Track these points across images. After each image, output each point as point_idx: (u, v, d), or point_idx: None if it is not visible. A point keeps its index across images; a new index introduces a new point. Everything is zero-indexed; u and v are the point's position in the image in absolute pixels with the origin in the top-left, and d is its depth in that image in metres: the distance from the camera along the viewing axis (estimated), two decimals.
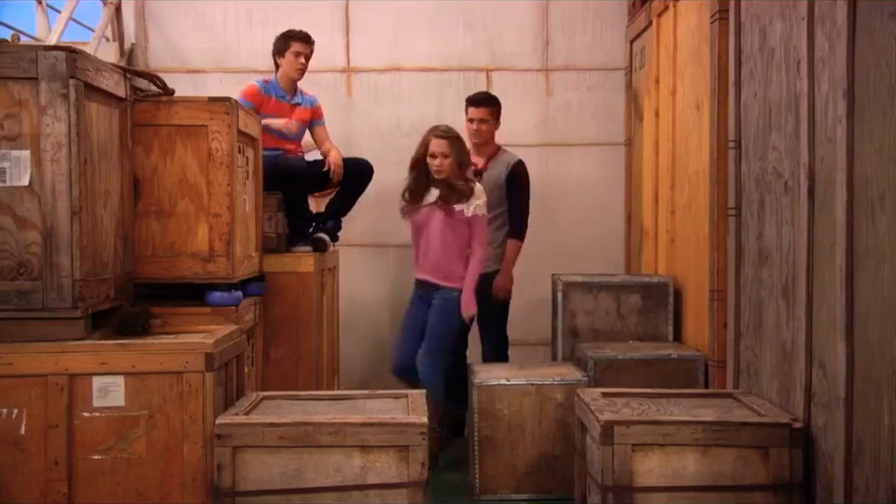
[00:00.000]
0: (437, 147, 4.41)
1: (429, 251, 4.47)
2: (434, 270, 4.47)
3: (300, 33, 4.82)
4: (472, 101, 5.01)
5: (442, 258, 4.45)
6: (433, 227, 4.45)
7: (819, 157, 2.94)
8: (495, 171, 4.99)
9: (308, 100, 4.98)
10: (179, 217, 3.68)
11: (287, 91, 4.86)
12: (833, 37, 2.74)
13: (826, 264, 2.85)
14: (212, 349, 3.13)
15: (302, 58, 4.78)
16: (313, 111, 5.00)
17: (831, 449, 2.81)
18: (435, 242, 4.45)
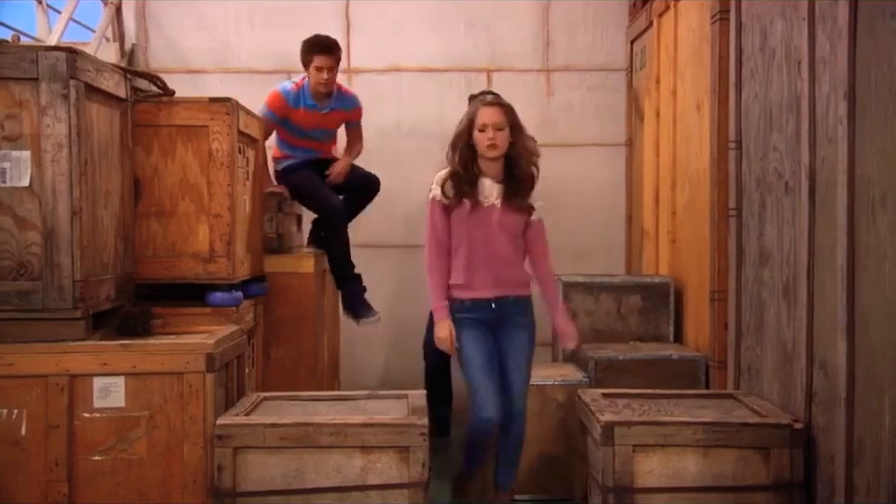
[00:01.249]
0: (487, 116, 3.44)
1: (494, 261, 3.46)
2: (503, 282, 3.49)
3: (321, 44, 4.63)
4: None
5: (513, 267, 3.52)
6: (495, 231, 3.47)
7: (821, 157, 2.94)
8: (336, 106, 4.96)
9: (347, 101, 4.84)
10: (180, 218, 3.68)
11: (317, 98, 4.71)
12: (835, 38, 2.74)
13: (827, 264, 2.85)
14: (213, 350, 3.13)
15: (325, 72, 4.60)
16: (349, 114, 4.87)
17: (832, 449, 2.81)
18: (502, 249, 3.48)
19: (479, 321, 3.48)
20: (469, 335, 3.46)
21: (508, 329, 3.50)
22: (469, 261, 3.46)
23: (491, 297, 3.48)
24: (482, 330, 3.47)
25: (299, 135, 4.78)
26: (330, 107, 4.76)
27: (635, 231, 5.55)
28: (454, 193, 3.44)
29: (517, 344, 3.50)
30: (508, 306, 3.49)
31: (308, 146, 4.81)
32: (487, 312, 3.48)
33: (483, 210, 3.44)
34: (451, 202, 3.45)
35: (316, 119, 4.74)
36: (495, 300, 3.48)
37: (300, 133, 4.78)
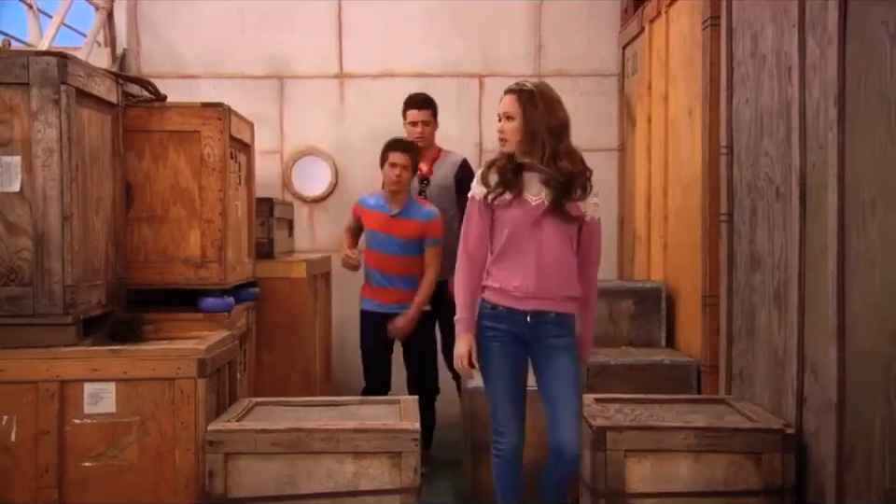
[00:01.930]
0: (501, 105, 3.06)
1: (539, 268, 3.00)
2: (546, 294, 3.01)
3: (396, 143, 4.47)
4: (414, 103, 4.77)
5: (561, 277, 3.03)
6: (545, 233, 3.01)
7: (811, 163, 2.95)
8: (440, 173, 4.77)
9: (423, 213, 4.46)
10: (171, 223, 3.68)
11: (389, 200, 4.46)
12: (824, 44, 2.75)
13: (818, 269, 2.86)
14: (204, 355, 3.12)
15: (398, 169, 4.37)
16: (423, 227, 4.44)
17: (823, 454, 2.81)
18: (551, 254, 3.00)
19: (509, 335, 3.03)
20: (494, 350, 3.04)
21: (545, 351, 3.03)
22: (510, 264, 3.02)
23: (528, 309, 3.01)
24: (511, 347, 3.04)
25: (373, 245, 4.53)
26: (399, 213, 4.45)
27: (627, 235, 5.56)
28: (497, 183, 3.00)
29: (559, 369, 3.01)
30: (547, 323, 3.02)
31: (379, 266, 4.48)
32: (520, 326, 3.02)
33: (530, 208, 2.99)
34: (492, 192, 3.00)
35: (380, 223, 4.47)
36: (532, 314, 3.01)
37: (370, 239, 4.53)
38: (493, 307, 3.05)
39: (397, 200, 4.44)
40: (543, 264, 3.00)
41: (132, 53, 5.48)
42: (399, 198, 4.44)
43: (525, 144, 3.00)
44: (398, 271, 4.44)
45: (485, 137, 5.55)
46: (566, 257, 3.03)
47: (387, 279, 4.45)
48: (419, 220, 4.43)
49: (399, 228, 4.43)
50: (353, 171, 5.54)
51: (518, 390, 3.07)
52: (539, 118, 2.98)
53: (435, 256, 4.47)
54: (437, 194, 4.64)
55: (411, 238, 4.42)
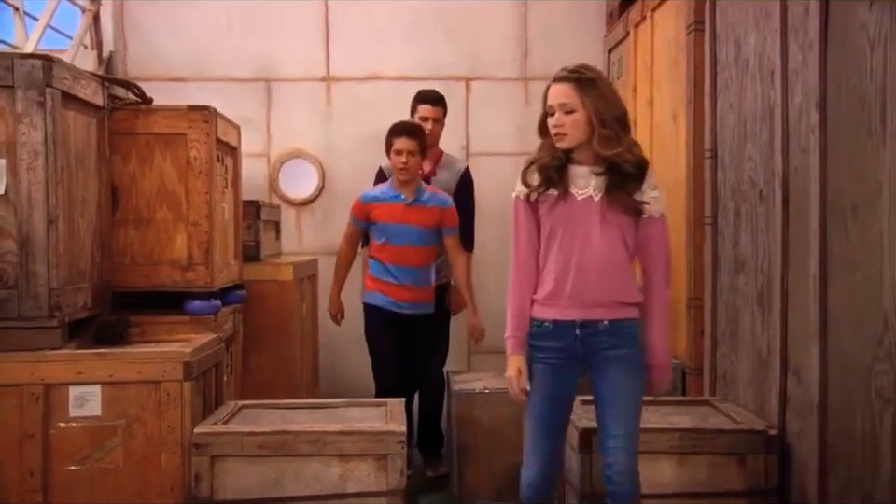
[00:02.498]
0: (551, 95, 2.72)
1: (588, 271, 2.67)
2: (596, 300, 2.68)
3: (400, 127, 4.27)
4: (426, 98, 4.61)
5: (614, 279, 2.70)
6: (594, 231, 2.67)
7: (794, 166, 2.96)
8: (444, 177, 4.62)
9: (438, 199, 4.32)
10: (158, 226, 3.67)
11: (400, 189, 4.27)
12: (806, 48, 2.77)
13: (800, 272, 2.87)
14: (190, 358, 3.11)
15: (404, 156, 4.18)
16: (441, 213, 4.30)
17: (805, 455, 2.83)
18: (602, 253, 2.67)
19: (558, 354, 2.70)
20: (538, 373, 2.73)
21: (600, 365, 2.70)
22: (556, 268, 2.69)
23: (576, 319, 2.68)
24: (559, 370, 2.71)
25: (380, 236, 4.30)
26: (415, 200, 4.28)
27: None
28: (539, 180, 2.69)
29: (612, 385, 2.68)
30: (600, 334, 2.68)
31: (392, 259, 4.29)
32: (570, 340, 2.68)
33: (578, 204, 2.67)
34: (534, 190, 2.69)
35: (397, 214, 4.26)
36: (581, 324, 2.68)
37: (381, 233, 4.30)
38: (539, 324, 2.71)
39: (409, 187, 4.25)
40: (590, 266, 2.66)
41: (118, 56, 5.46)
42: (411, 185, 4.26)
43: (588, 137, 2.65)
44: (415, 261, 4.27)
45: (472, 140, 5.56)
46: (618, 257, 2.68)
47: (403, 273, 4.28)
48: (436, 207, 4.28)
49: (416, 216, 4.25)
50: (340, 173, 5.53)
51: (552, 420, 2.74)
52: (604, 107, 2.65)
53: (458, 243, 4.36)
54: None
55: (428, 226, 4.27)
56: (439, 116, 4.62)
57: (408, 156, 4.19)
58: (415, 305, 4.31)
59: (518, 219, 2.75)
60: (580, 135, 2.65)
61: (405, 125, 4.31)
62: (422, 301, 4.33)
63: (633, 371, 2.70)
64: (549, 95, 2.71)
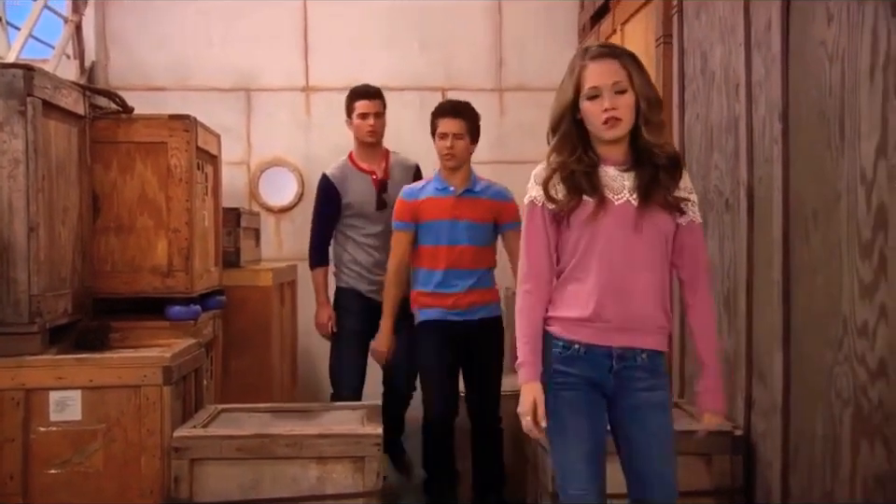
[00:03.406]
0: (599, 75, 2.22)
1: (630, 288, 2.25)
2: (637, 324, 2.26)
3: (443, 108, 3.69)
4: (364, 93, 4.16)
5: (656, 298, 2.27)
6: (634, 241, 2.25)
7: (758, 176, 2.99)
8: (397, 177, 4.13)
9: (495, 191, 3.66)
10: (139, 233, 3.65)
11: (447, 179, 3.61)
12: (769, 63, 2.81)
13: (764, 278, 2.90)
14: (170, 363, 3.10)
15: (449, 139, 3.58)
16: (498, 207, 3.63)
17: (769, 455, 2.85)
18: (645, 267, 2.26)
19: (584, 382, 2.27)
20: (565, 402, 2.27)
21: (636, 410, 2.27)
22: (598, 288, 2.24)
23: (613, 346, 2.25)
24: (588, 396, 2.27)
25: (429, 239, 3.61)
26: (466, 192, 3.61)
27: None
28: (567, 192, 2.25)
29: (652, 430, 2.27)
30: (635, 367, 2.26)
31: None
32: (602, 371, 2.26)
33: (616, 210, 2.24)
34: (563, 204, 2.26)
35: (444, 209, 3.58)
36: (619, 354, 2.26)
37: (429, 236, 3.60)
38: (566, 345, 2.26)
39: (458, 176, 3.60)
40: (636, 284, 2.23)
41: (100, 66, 5.43)
42: (460, 174, 3.60)
43: (655, 124, 2.25)
44: (469, 264, 3.56)
45: None
46: (660, 272, 2.27)
47: (456, 277, 3.56)
48: (492, 199, 3.62)
49: (468, 209, 3.57)
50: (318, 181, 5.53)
51: (599, 450, 2.30)
52: (650, 88, 2.25)
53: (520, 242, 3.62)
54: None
55: (483, 222, 3.58)
56: (380, 109, 4.16)
57: (454, 140, 3.57)
58: (481, 309, 3.62)
59: (533, 228, 2.31)
60: (632, 121, 2.23)
61: (451, 104, 3.73)
62: (491, 303, 3.67)
63: (669, 417, 2.32)
64: (590, 76, 2.21)
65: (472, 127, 3.66)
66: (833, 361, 2.42)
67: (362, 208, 4.10)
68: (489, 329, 3.66)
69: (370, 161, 4.16)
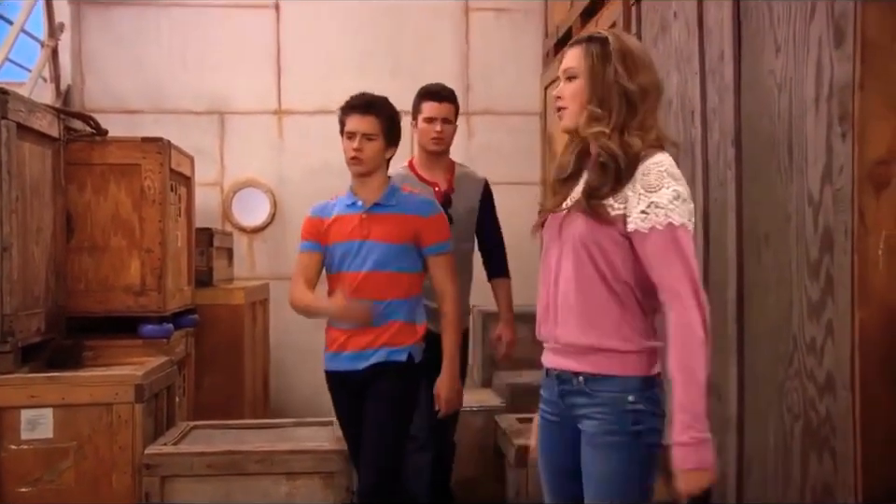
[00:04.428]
0: (566, 60, 2.01)
1: (553, 305, 2.01)
2: (563, 341, 1.99)
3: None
4: (434, 95, 3.41)
5: (568, 316, 1.97)
6: (551, 254, 2.04)
7: (713, 198, 3.04)
8: (464, 191, 3.42)
9: (414, 204, 2.93)
10: (112, 253, 3.63)
11: (357, 193, 2.94)
12: (723, 91, 2.85)
13: (720, 296, 2.94)
14: (142, 381, 3.07)
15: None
16: (417, 224, 2.90)
17: (725, 467, 2.88)
18: (569, 281, 1.97)
19: (552, 409, 2.05)
20: (540, 429, 2.11)
21: (582, 445, 1.95)
22: (539, 304, 2.06)
23: (551, 367, 2.04)
24: (556, 429, 2.04)
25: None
26: (366, 206, 2.90)
27: None
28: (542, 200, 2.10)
29: (587, 469, 1.94)
30: (574, 394, 1.96)
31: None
32: (554, 394, 2.03)
33: (550, 220, 2.04)
34: (540, 214, 2.11)
35: (336, 228, 2.91)
36: (557, 373, 2.02)
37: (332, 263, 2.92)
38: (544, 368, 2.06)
39: (367, 187, 2.91)
40: (556, 299, 1.98)
41: (76, 89, 5.39)
42: (370, 184, 2.91)
43: (590, 113, 1.93)
44: (374, 294, 2.82)
45: None
46: (588, 287, 1.92)
47: None
48: (409, 214, 2.90)
49: (377, 227, 2.86)
50: (291, 202, 5.51)
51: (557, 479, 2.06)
52: (607, 74, 1.93)
53: (450, 267, 2.95)
54: (462, 220, 3.34)
55: (395, 242, 2.86)
56: (450, 115, 3.40)
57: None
58: (372, 354, 2.84)
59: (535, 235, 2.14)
60: (577, 108, 1.97)
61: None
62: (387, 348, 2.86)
63: (605, 454, 1.91)
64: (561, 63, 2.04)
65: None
66: (785, 377, 2.45)
67: None
68: (383, 378, 2.82)
69: (432, 172, 3.38)
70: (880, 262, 2.05)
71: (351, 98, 3.07)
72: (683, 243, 1.88)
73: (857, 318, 2.06)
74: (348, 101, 3.06)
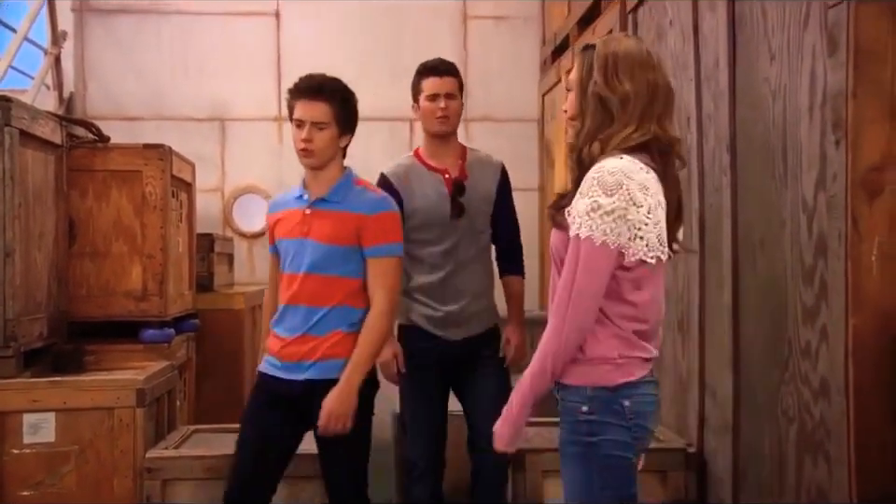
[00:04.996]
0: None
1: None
2: None
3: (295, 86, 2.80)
4: (434, 69, 3.12)
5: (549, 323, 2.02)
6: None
7: (709, 203, 3.04)
8: (478, 177, 3.12)
9: (361, 201, 2.68)
10: (114, 258, 3.63)
11: (308, 186, 2.73)
12: (718, 98, 2.86)
13: (715, 301, 2.94)
14: (143, 385, 3.07)
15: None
16: (360, 221, 2.64)
17: (721, 471, 2.88)
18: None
19: None
20: None
21: None
22: None
23: None
24: None
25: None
26: (312, 202, 2.67)
27: (547, 269, 5.63)
28: None
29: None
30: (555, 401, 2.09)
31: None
32: None
33: None
34: None
35: (283, 224, 2.71)
36: None
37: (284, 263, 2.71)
38: None
39: (317, 179, 2.68)
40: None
41: (78, 96, 5.40)
42: (321, 176, 2.68)
43: (573, 126, 1.98)
44: (310, 300, 2.61)
45: None
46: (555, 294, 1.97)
47: (291, 317, 2.64)
48: (353, 212, 2.64)
49: (317, 225, 2.63)
50: None
51: None
52: (592, 88, 1.93)
53: (388, 275, 2.65)
54: (477, 209, 3.08)
55: (334, 243, 2.62)
56: (453, 90, 3.09)
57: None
58: (309, 367, 2.62)
59: None
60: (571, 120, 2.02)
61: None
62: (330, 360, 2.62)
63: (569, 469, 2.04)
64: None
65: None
66: (780, 381, 2.46)
67: (431, 216, 3.00)
68: (318, 399, 2.56)
69: (441, 158, 3.07)
70: (874, 268, 2.06)
71: (299, 80, 2.76)
72: (581, 255, 1.87)
73: (851, 324, 2.07)
74: (296, 83, 2.75)
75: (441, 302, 2.97)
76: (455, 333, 2.96)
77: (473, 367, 3.03)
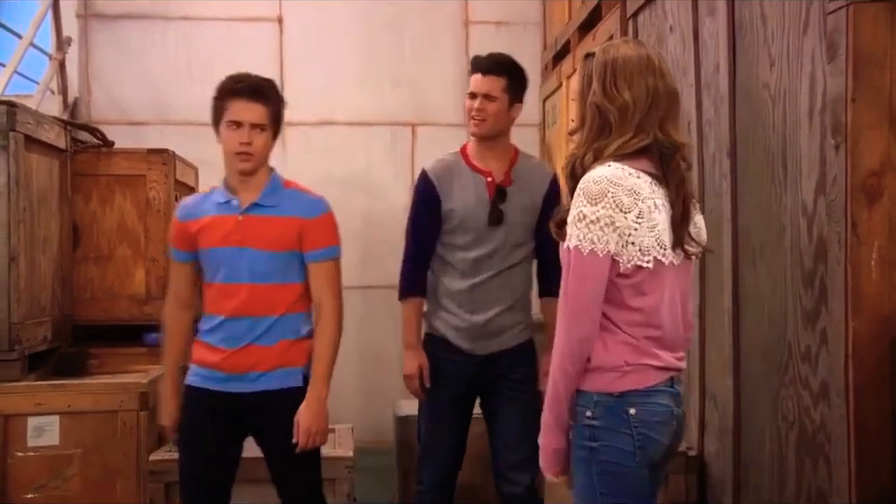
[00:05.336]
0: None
1: None
2: None
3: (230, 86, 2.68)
4: (477, 65, 2.90)
5: None
6: None
7: (709, 209, 3.04)
8: (524, 185, 2.90)
9: (299, 204, 2.59)
10: (117, 262, 3.64)
11: (234, 191, 2.58)
12: (718, 103, 2.86)
13: (716, 306, 2.94)
14: (146, 388, 3.08)
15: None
16: (301, 226, 2.55)
17: (721, 474, 2.88)
18: None
19: None
20: None
21: None
22: None
23: None
24: None
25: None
26: (241, 207, 2.54)
27: None
28: None
29: None
30: None
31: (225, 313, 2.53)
32: None
33: None
34: None
35: (209, 229, 2.55)
36: None
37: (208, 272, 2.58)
38: None
39: (248, 184, 2.54)
40: None
41: (83, 101, 5.41)
42: (252, 181, 2.54)
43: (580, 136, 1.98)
44: (253, 310, 2.51)
45: None
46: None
47: (233, 327, 2.52)
48: (293, 217, 2.54)
49: (254, 232, 2.51)
50: None
51: None
52: (590, 98, 1.94)
53: (333, 277, 2.57)
54: (518, 218, 2.87)
55: (276, 249, 2.52)
56: (494, 91, 2.84)
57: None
58: (260, 378, 2.53)
59: None
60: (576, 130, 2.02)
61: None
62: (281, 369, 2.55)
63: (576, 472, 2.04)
64: None
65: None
66: (780, 385, 2.46)
67: (467, 220, 2.82)
68: (280, 411, 2.51)
69: (487, 160, 2.88)
70: (873, 272, 2.06)
71: (232, 79, 2.61)
72: (572, 266, 1.87)
73: (850, 327, 2.07)
74: (229, 83, 2.60)
75: (469, 311, 2.80)
76: (484, 347, 2.81)
77: (503, 389, 2.85)
